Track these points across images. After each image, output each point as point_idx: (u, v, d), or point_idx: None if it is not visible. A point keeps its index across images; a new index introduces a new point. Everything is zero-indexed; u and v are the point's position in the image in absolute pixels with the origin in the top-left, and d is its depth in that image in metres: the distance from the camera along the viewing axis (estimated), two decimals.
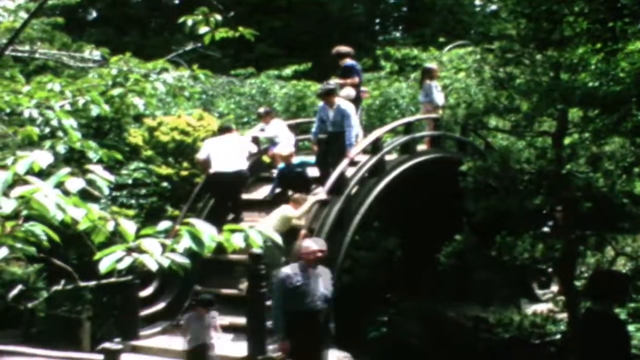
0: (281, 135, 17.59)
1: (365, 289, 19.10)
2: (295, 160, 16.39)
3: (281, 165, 16.50)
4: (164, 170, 18.64)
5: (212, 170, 15.63)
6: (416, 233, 20.30)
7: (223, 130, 16.71)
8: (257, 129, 18.52)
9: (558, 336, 17.35)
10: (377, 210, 16.81)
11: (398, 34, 46.28)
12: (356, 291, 18.35)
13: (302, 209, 14.46)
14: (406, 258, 21.24)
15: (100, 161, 6.73)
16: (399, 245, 21.60)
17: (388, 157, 16.83)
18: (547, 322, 17.92)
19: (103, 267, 3.58)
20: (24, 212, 3.42)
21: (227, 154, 15.53)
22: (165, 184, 18.54)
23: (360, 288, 18.91)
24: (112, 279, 4.10)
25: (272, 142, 17.74)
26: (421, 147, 18.62)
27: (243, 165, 15.71)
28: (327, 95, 16.35)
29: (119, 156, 7.28)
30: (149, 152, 19.06)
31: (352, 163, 15.66)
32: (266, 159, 18.08)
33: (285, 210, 14.50)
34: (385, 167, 16.46)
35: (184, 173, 18.50)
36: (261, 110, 19.20)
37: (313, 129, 17.10)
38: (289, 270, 10.60)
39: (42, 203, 3.27)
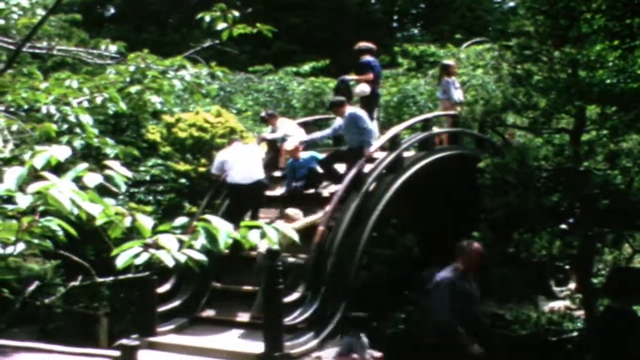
0: (292, 133, 17.52)
1: (383, 286, 19.09)
2: (305, 155, 16.38)
3: (290, 160, 16.51)
4: (182, 166, 18.70)
5: (230, 181, 15.40)
6: (434, 230, 20.26)
7: (232, 141, 16.52)
8: (267, 132, 18.49)
9: (575, 334, 17.27)
10: (395, 207, 16.77)
11: (416, 31, 46.27)
12: (374, 288, 18.35)
13: (298, 224, 14.34)
14: (424, 255, 21.18)
15: (117, 157, 6.74)
16: (416, 242, 21.58)
17: (406, 154, 16.79)
18: (564, 319, 17.83)
19: (120, 262, 3.59)
20: (41, 208, 3.43)
21: (245, 164, 15.32)
22: (183, 180, 18.61)
23: (377, 285, 18.91)
24: (130, 275, 4.11)
25: (284, 140, 17.67)
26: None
27: (261, 174, 15.50)
28: (335, 107, 16.40)
29: (136, 152, 7.30)
30: (167, 149, 19.12)
31: (370, 160, 15.66)
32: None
33: (281, 229, 14.45)
34: (403, 164, 16.42)
35: (202, 169, 18.54)
36: (264, 114, 19.21)
37: (319, 136, 17.32)
38: (450, 274, 9.90)
39: (59, 198, 3.27)
